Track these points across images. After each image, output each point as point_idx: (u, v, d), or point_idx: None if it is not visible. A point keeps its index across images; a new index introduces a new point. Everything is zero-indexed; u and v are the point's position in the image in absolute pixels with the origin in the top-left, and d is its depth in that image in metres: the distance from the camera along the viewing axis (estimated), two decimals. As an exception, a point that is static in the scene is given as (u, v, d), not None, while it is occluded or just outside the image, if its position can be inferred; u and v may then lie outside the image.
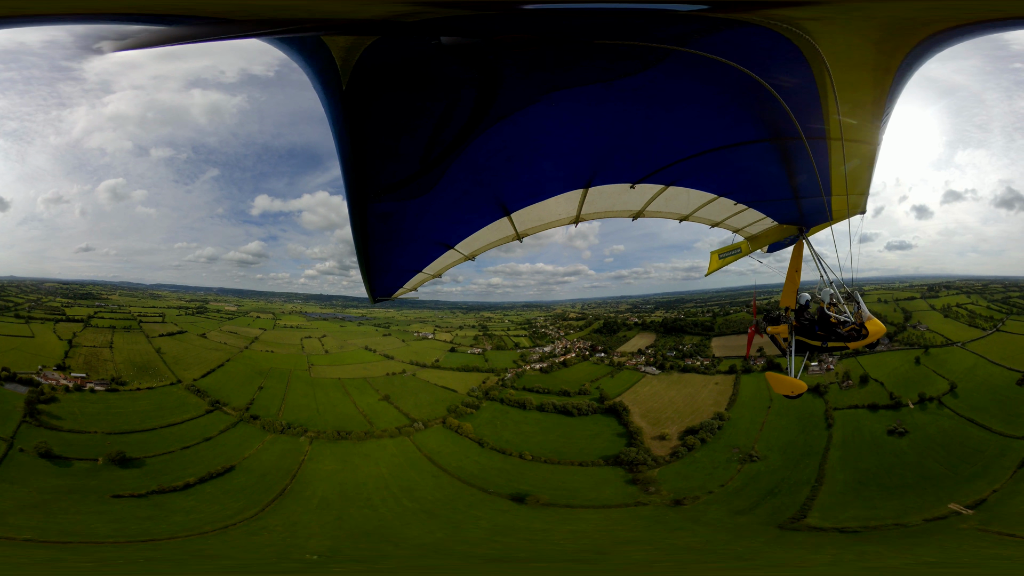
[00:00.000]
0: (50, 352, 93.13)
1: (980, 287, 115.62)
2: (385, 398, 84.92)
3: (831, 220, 13.44)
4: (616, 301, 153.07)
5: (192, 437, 79.06)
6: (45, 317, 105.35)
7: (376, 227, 10.41)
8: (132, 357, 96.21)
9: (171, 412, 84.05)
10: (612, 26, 7.00)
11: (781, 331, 13.95)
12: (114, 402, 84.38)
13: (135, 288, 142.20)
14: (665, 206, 12.63)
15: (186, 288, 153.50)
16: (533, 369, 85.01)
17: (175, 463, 72.19)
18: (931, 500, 57.48)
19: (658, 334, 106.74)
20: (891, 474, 64.51)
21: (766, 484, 59.38)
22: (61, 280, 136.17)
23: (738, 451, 60.56)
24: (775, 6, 7.09)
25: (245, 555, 48.51)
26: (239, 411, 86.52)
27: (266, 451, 76.90)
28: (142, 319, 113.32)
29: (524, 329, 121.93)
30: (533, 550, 39.04)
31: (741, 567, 37.16)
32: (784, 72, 8.33)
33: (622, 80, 8.48)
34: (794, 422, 72.12)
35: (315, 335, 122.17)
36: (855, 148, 10.53)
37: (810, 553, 41.34)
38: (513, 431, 68.10)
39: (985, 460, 64.24)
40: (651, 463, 55.89)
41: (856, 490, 60.88)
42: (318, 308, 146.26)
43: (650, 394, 76.44)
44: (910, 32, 7.29)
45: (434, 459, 66.03)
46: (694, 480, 57.73)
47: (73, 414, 79.16)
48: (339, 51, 6.41)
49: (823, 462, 64.88)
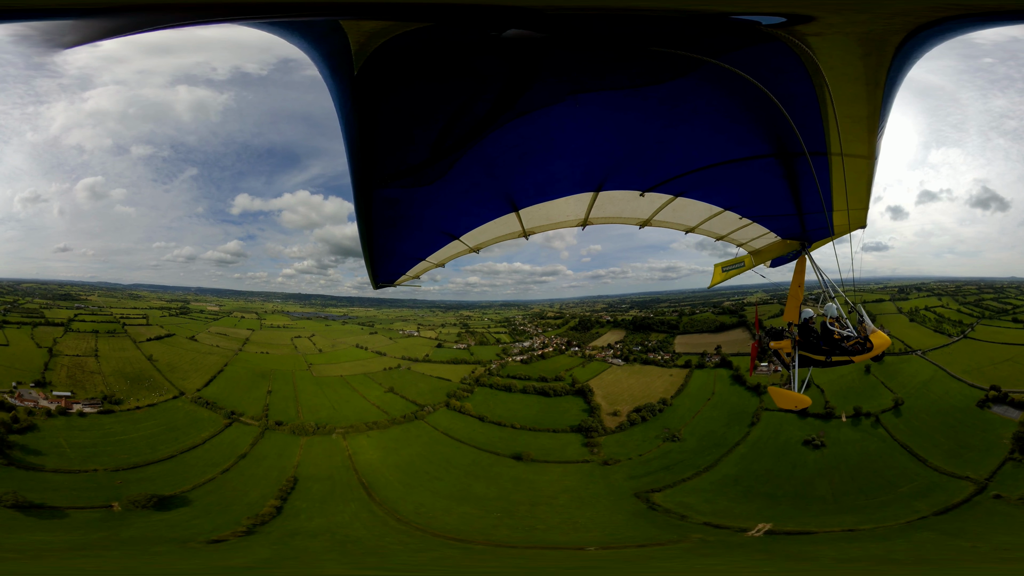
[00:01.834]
0: (27, 363, 79.73)
1: (953, 289, 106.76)
2: (390, 390, 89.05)
3: (833, 235, 13.52)
4: (593, 300, 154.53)
5: (224, 457, 69.14)
6: (22, 321, 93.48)
7: (382, 213, 10.12)
8: (121, 366, 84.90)
9: (185, 433, 72.65)
10: (668, 34, 6.88)
11: (784, 346, 13.82)
12: (111, 427, 71.14)
13: (113, 288, 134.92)
14: (672, 216, 12.59)
15: (164, 288, 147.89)
16: (515, 361, 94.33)
17: (226, 491, 61.47)
18: (781, 516, 53.81)
19: (628, 331, 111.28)
20: (771, 482, 61.38)
21: (668, 460, 65.69)
22: (39, 280, 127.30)
23: (667, 431, 69.26)
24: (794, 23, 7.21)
25: (491, 536, 48.43)
26: (259, 420, 79.43)
27: (310, 455, 70.27)
28: (125, 322, 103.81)
29: (503, 327, 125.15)
30: (533, 493, 56.12)
31: (588, 513, 50.00)
32: (790, 88, 8.42)
33: (649, 88, 8.39)
34: (725, 415, 74.98)
35: (304, 334, 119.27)
36: (854, 163, 10.69)
37: (612, 515, 52.60)
38: (503, 409, 77.33)
39: (895, 497, 57.27)
40: (601, 431, 69.63)
41: (726, 486, 61.23)
42: (299, 307, 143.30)
43: (613, 381, 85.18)
44: (886, 41, 7.44)
45: (451, 435, 73.73)
46: (626, 448, 67.32)
47: (59, 447, 63.36)
48: (359, 36, 6.13)
49: (726, 454, 67.58)
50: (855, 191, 11.50)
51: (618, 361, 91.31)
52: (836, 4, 6.81)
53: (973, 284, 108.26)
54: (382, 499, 60.38)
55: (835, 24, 7.16)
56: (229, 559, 46.11)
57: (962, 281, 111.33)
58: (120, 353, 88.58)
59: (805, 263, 14.24)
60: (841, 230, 13.13)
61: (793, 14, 6.80)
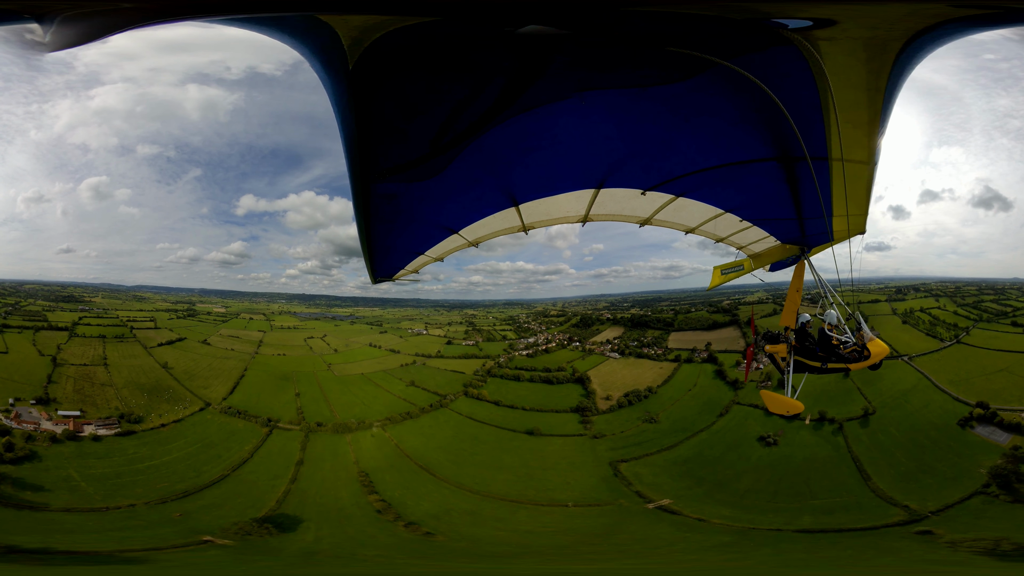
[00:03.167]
0: (28, 373, 70.26)
1: (953, 289, 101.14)
2: (412, 383, 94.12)
3: (832, 240, 13.33)
4: (595, 299, 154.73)
5: (282, 467, 64.61)
6: (23, 325, 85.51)
7: (379, 207, 9.96)
8: (135, 377, 77.27)
9: (225, 448, 66.99)
10: (685, 35, 6.76)
11: (780, 351, 13.57)
12: (135, 451, 60.47)
13: (117, 289, 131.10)
14: (673, 216, 12.45)
15: (168, 289, 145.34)
16: (521, 355, 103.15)
17: (315, 500, 58.35)
18: (690, 497, 57.47)
19: (626, 328, 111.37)
20: (711, 467, 65.00)
21: (642, 438, 72.79)
22: (41, 281, 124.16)
23: (648, 414, 77.29)
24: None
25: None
26: (298, 423, 76.75)
27: (361, 451, 70.46)
28: (133, 325, 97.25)
29: (508, 324, 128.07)
30: (543, 460, 66.30)
31: (576, 476, 61.64)
32: (795, 93, 8.39)
33: (657, 88, 8.28)
34: (700, 405, 78.32)
35: (316, 335, 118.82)
36: (855, 168, 10.60)
37: (590, 478, 62.13)
38: (514, 395, 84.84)
39: (803, 506, 55.67)
40: (594, 412, 78.82)
41: (676, 464, 66.71)
42: (304, 308, 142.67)
43: (608, 371, 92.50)
44: (888, 47, 7.43)
45: (474, 417, 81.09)
46: (612, 426, 75.31)
47: (68, 481, 51.93)
48: (350, 31, 5.99)
49: (688, 438, 71.40)
50: (855, 196, 11.39)
51: (615, 355, 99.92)
52: (854, 9, 6.72)
53: (974, 285, 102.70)
54: (444, 476, 65.15)
55: (849, 29, 7.09)
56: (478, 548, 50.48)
57: (963, 282, 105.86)
58: (131, 361, 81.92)
59: (804, 268, 14.02)
60: (840, 235, 12.98)
61: (819, 18, 6.80)
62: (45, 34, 4.88)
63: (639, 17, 6.58)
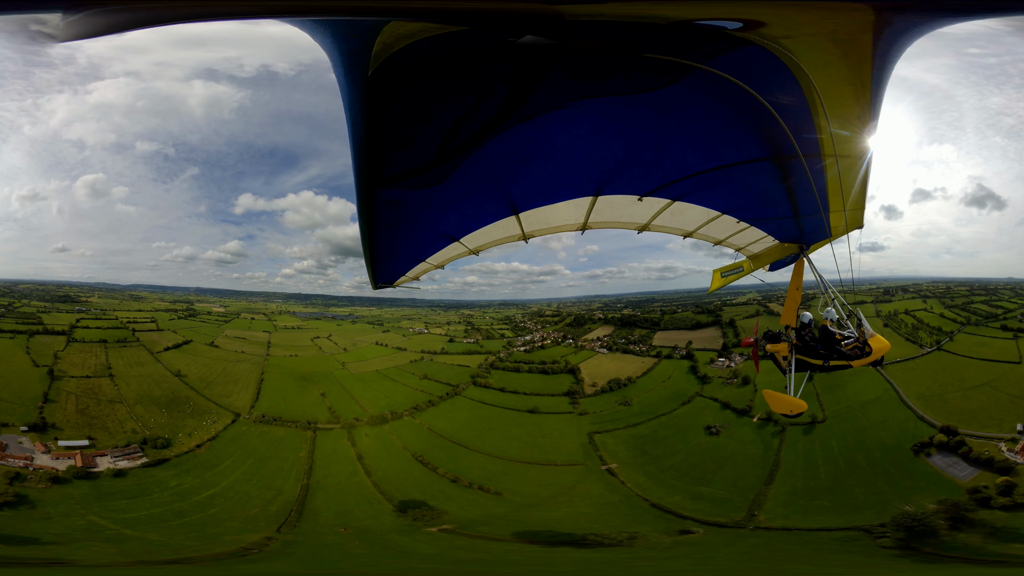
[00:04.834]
0: (20, 388, 59.50)
1: (943, 290, 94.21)
2: (424, 377, 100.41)
3: (831, 236, 13.37)
4: (590, 300, 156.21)
5: (346, 467, 62.07)
6: (16, 329, 73.65)
7: (383, 213, 9.99)
8: (147, 389, 66.03)
9: (281, 458, 59.72)
10: (660, 41, 6.87)
11: (781, 349, 13.59)
12: (179, 483, 51.98)
13: (112, 289, 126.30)
14: (670, 221, 12.54)
15: (164, 288, 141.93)
16: (519, 351, 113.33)
17: (401, 487, 59.29)
18: (629, 462, 67.69)
19: (616, 327, 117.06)
20: (653, 446, 72.23)
21: (615, 416, 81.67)
22: (37, 281, 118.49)
23: (624, 399, 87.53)
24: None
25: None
26: (337, 422, 75.00)
27: (402, 439, 75.97)
28: (134, 327, 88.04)
29: (505, 324, 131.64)
30: (542, 432, 77.14)
31: (565, 443, 73.09)
32: (779, 91, 8.45)
33: (645, 94, 8.37)
34: (669, 394, 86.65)
35: (321, 335, 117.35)
36: (849, 163, 10.69)
37: (571, 445, 73.44)
38: (515, 383, 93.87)
39: (693, 495, 59.17)
40: (582, 395, 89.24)
41: (631, 440, 74.50)
42: (302, 307, 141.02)
43: (596, 364, 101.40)
44: (858, 40, 7.47)
45: (485, 402, 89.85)
46: (595, 406, 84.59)
47: (100, 531, 42.62)
48: (388, 38, 6.03)
49: (649, 420, 78.94)
50: (851, 191, 11.50)
51: (603, 350, 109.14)
52: (772, 13, 6.79)
53: (965, 285, 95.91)
54: (477, 448, 72.97)
55: (788, 27, 7.11)
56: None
57: (956, 282, 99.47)
58: (139, 369, 71.27)
59: (803, 266, 14.06)
60: (838, 231, 13.02)
61: (747, 19, 6.87)
62: (63, 23, 4.81)
63: (613, 25, 6.65)
